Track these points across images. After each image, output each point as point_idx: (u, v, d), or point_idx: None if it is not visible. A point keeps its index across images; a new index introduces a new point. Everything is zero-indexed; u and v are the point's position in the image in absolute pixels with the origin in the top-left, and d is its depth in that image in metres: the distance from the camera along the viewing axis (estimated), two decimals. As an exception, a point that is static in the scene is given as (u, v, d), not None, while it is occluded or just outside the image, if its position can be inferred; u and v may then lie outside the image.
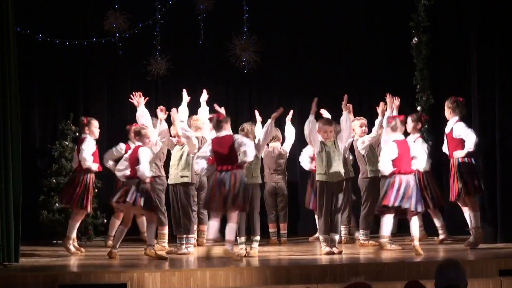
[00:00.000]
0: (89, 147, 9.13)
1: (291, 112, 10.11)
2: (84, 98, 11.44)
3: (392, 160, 8.71)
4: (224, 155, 8.25)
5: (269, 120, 8.72)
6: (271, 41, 11.47)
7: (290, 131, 10.04)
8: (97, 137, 9.38)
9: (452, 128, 9.16)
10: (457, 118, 9.22)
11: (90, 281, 7.16)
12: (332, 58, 11.75)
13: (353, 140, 9.59)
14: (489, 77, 9.60)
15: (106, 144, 10.32)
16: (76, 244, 9.32)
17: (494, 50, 9.58)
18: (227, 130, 8.43)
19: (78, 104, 11.36)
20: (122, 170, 8.59)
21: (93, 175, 9.29)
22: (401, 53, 11.25)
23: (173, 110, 9.07)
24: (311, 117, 8.71)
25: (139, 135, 8.70)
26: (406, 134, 9.36)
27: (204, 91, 9.75)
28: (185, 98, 9.39)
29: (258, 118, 9.91)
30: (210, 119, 8.69)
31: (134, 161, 8.50)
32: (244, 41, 11.06)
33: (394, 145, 8.75)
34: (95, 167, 9.20)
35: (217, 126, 8.44)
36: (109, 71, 11.60)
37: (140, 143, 8.65)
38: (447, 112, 9.33)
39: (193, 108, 9.78)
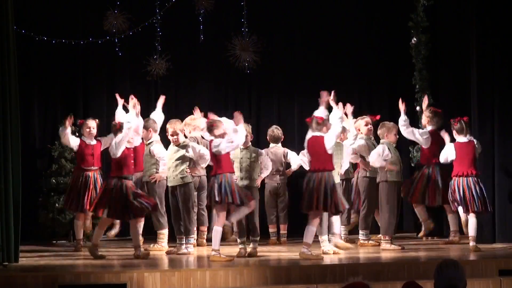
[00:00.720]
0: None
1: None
2: (84, 98, 11.44)
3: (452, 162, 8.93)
4: (318, 155, 8.31)
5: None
6: (271, 41, 11.46)
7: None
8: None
9: None
10: (431, 128, 9.35)
11: (89, 281, 7.16)
12: (332, 58, 11.74)
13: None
14: (488, 77, 9.61)
15: (106, 144, 10.32)
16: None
17: (493, 50, 9.59)
18: (323, 132, 8.45)
19: (78, 104, 11.36)
20: None
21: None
22: (400, 53, 11.25)
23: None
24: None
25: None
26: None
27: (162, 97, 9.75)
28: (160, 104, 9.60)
29: None
30: (310, 120, 8.63)
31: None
32: (243, 41, 11.06)
33: (451, 147, 8.98)
34: None
35: (316, 128, 8.43)
36: (109, 71, 11.60)
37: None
38: (425, 121, 9.49)
39: (190, 110, 9.80)
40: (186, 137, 9.31)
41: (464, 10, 10.28)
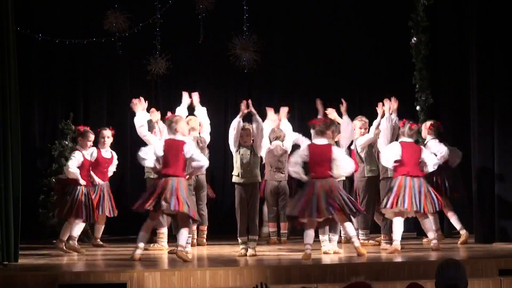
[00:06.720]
0: None
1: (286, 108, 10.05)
2: (84, 98, 11.46)
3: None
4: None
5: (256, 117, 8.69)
6: (271, 41, 11.47)
7: (286, 126, 10.02)
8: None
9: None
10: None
11: (89, 280, 7.15)
12: (332, 58, 11.75)
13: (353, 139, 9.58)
14: (488, 77, 9.60)
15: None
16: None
17: (493, 50, 9.58)
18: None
19: (78, 104, 11.38)
20: None
21: None
22: (400, 53, 11.25)
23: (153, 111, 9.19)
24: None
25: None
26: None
27: (196, 94, 9.58)
28: (185, 100, 9.33)
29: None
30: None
31: None
32: (244, 41, 11.06)
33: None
34: None
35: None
36: (109, 70, 11.61)
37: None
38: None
39: (192, 108, 9.77)
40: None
41: (464, 10, 10.28)
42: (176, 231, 8.97)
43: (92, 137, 9.16)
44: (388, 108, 9.04)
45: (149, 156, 8.28)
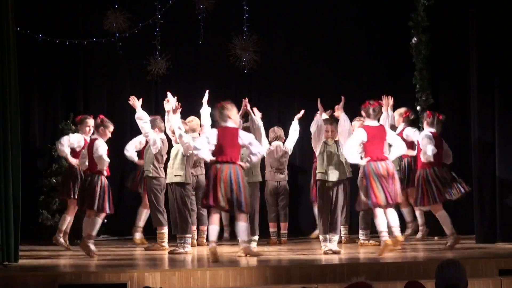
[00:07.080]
0: None
1: (303, 111, 9.99)
2: (84, 98, 11.46)
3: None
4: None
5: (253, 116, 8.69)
6: (271, 41, 11.47)
7: (295, 128, 10.00)
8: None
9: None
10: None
11: (90, 281, 7.15)
12: (332, 58, 11.74)
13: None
14: (489, 77, 9.59)
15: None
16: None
17: (493, 50, 9.58)
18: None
19: (78, 104, 11.37)
20: None
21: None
22: (401, 53, 11.25)
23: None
24: (319, 117, 8.74)
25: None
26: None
27: (207, 92, 9.52)
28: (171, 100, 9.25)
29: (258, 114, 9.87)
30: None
31: None
32: (244, 41, 11.06)
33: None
34: None
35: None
36: (109, 71, 11.61)
37: None
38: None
39: (193, 108, 9.77)
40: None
41: (464, 10, 10.29)
42: (176, 231, 8.98)
43: (112, 127, 9.00)
44: (386, 105, 9.05)
45: (203, 145, 8.11)
